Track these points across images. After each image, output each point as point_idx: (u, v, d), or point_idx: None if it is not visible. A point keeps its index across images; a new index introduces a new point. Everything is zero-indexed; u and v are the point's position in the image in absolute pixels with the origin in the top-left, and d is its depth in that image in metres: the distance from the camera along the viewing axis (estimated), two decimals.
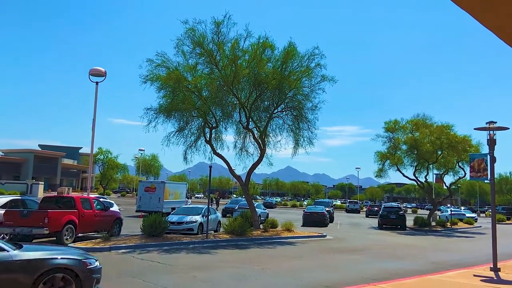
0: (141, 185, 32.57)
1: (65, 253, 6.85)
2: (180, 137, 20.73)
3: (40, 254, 6.41)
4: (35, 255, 6.34)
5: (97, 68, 18.99)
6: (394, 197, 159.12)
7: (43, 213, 14.06)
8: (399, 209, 33.66)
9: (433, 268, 12.62)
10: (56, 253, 6.68)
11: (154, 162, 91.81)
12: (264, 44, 19.58)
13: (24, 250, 6.38)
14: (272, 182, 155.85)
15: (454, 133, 32.42)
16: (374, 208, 51.60)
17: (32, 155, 79.29)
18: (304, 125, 21.37)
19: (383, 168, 35.08)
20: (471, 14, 5.25)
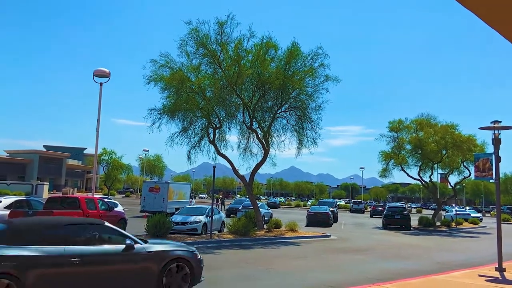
0: (145, 185, 32.67)
1: (181, 247, 8.35)
2: (184, 138, 20.77)
3: (163, 247, 7.86)
4: (161, 248, 7.79)
5: (101, 69, 19.05)
6: (398, 197, 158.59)
7: (48, 213, 14.11)
8: (404, 209, 33.54)
9: (438, 268, 12.57)
10: (174, 246, 8.22)
11: (158, 162, 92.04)
12: (268, 44, 19.57)
13: (151, 244, 7.80)
14: (276, 182, 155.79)
15: (458, 132, 32.26)
16: (378, 208, 51.40)
17: (37, 156, 79.71)
18: (307, 125, 21.36)
19: (387, 168, 34.96)
20: (477, 14, 5.23)
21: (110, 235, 7.51)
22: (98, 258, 6.95)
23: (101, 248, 7.11)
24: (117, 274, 7.12)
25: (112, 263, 7.12)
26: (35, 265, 6.28)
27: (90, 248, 6.95)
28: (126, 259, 7.25)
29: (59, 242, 6.70)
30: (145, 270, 7.37)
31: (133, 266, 7.29)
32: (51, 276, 6.39)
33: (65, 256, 6.56)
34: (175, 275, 7.69)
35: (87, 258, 6.73)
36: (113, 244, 7.29)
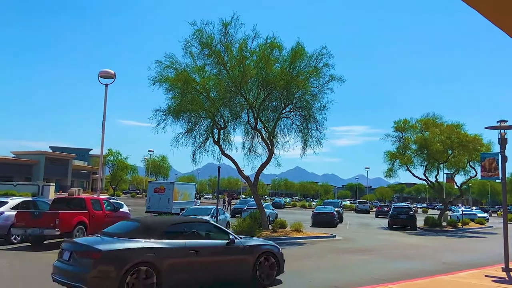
0: (151, 186, 32.79)
1: (268, 242, 10.01)
2: (189, 138, 20.82)
3: (256, 242, 9.60)
4: (254, 243, 9.46)
5: (106, 70, 19.15)
6: (404, 197, 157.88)
7: (54, 214, 14.20)
8: (409, 209, 33.36)
9: (444, 268, 12.49)
10: (263, 241, 9.95)
11: (163, 163, 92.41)
12: (272, 45, 19.57)
13: (245, 239, 9.49)
14: (281, 182, 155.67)
15: (464, 132, 32.05)
16: (384, 208, 51.21)
17: (43, 157, 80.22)
18: (312, 125, 21.31)
19: (393, 168, 34.79)
20: (479, 11, 5.20)
21: (216, 232, 9.05)
22: (209, 250, 8.46)
23: (211, 242, 8.69)
24: (223, 263, 8.62)
25: (219, 254, 8.63)
26: (166, 255, 7.68)
27: (202, 242, 8.55)
28: (229, 252, 8.76)
29: (180, 237, 8.21)
30: (243, 261, 8.89)
31: (234, 257, 8.83)
32: (177, 264, 7.80)
33: (186, 248, 8.04)
34: (265, 266, 9.22)
35: (201, 250, 8.22)
36: (218, 239, 8.80)
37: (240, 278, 8.86)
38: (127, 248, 7.37)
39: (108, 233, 8.16)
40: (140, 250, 7.44)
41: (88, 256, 7.13)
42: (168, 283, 7.58)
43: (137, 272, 7.25)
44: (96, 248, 7.23)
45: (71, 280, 7.11)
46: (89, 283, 6.91)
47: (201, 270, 8.15)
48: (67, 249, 7.61)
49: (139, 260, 7.31)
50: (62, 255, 7.67)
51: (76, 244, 7.65)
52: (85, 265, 7.04)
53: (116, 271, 7.04)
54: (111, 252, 7.20)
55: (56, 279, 7.49)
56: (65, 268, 7.35)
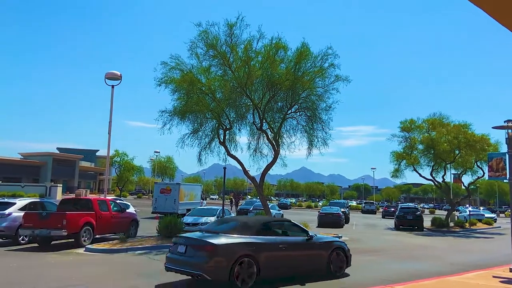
0: (157, 186, 32.89)
1: (338, 239, 11.74)
2: (195, 139, 20.82)
3: (329, 239, 11.31)
4: (327, 239, 11.16)
5: (113, 72, 19.25)
6: (411, 197, 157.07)
7: (61, 215, 14.30)
8: (416, 210, 33.19)
9: (451, 269, 12.42)
10: (335, 239, 11.73)
11: (169, 164, 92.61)
12: (277, 45, 19.54)
13: (319, 237, 11.00)
14: (287, 183, 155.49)
15: (471, 132, 31.81)
16: (390, 209, 50.94)
17: (51, 158, 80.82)
18: (318, 125, 21.22)
19: (399, 168, 34.63)
20: (483, 9, 5.17)
21: (296, 230, 10.51)
22: (294, 245, 9.88)
23: (294, 239, 10.10)
24: (304, 256, 10.05)
25: (301, 249, 10.04)
26: (262, 249, 9.05)
27: (288, 238, 10.02)
28: (308, 247, 10.21)
29: (270, 234, 9.69)
30: (320, 255, 10.35)
31: (312, 251, 10.30)
32: (270, 256, 9.15)
33: (276, 243, 9.46)
34: (337, 260, 10.65)
35: (288, 245, 9.67)
36: (299, 236, 10.27)
37: (317, 269, 10.35)
38: (234, 243, 8.78)
39: (210, 230, 9.66)
40: (243, 244, 8.84)
41: (204, 249, 8.52)
42: (264, 272, 8.96)
43: (242, 262, 8.64)
44: (210, 242, 8.58)
45: (190, 269, 8.54)
46: (207, 271, 8.31)
47: (288, 261, 9.61)
48: (182, 243, 8.99)
49: (244, 253, 8.72)
50: (176, 249, 9.06)
51: (190, 239, 9.03)
52: (202, 257, 8.44)
53: (227, 262, 8.42)
54: (222, 246, 8.57)
55: (172, 268, 8.92)
56: (183, 259, 8.74)
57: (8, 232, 14.78)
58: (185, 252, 8.80)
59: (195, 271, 8.44)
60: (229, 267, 8.40)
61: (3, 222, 14.68)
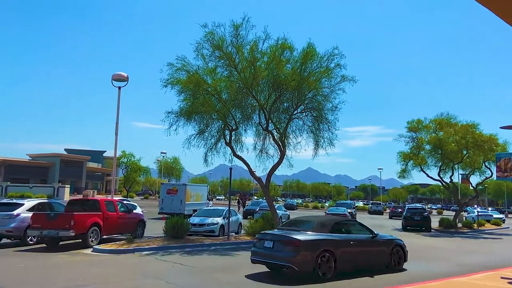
0: (163, 187, 32.99)
1: (397, 238, 12.90)
2: (201, 140, 20.87)
3: (390, 237, 12.61)
4: (388, 237, 12.49)
5: (120, 73, 19.36)
6: (418, 198, 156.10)
7: (69, 215, 14.40)
8: (424, 210, 32.97)
9: (459, 270, 12.32)
10: (394, 237, 12.88)
11: (175, 164, 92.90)
12: (283, 46, 19.54)
13: (382, 235, 12.28)
14: (293, 183, 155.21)
15: (479, 132, 31.54)
16: (397, 210, 50.64)
17: (59, 159, 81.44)
18: (324, 126, 21.17)
19: (406, 168, 34.39)
20: (488, 7, 5.13)
21: (362, 229, 11.84)
22: (362, 242, 11.21)
23: (361, 236, 11.44)
24: (370, 252, 11.43)
25: (367, 245, 11.39)
26: (338, 244, 10.39)
27: (356, 235, 11.31)
28: (373, 244, 11.56)
29: (342, 232, 11.05)
30: (383, 251, 11.68)
31: (377, 248, 11.63)
32: (345, 251, 10.47)
33: (348, 240, 10.85)
34: (397, 255, 11.98)
35: (357, 242, 11.03)
36: (365, 234, 11.61)
37: (380, 263, 11.67)
38: (316, 239, 10.20)
39: (291, 228, 11.05)
40: (323, 241, 10.24)
41: (292, 244, 9.86)
42: (340, 265, 10.26)
43: (323, 256, 9.98)
44: (296, 238, 9.94)
45: (279, 261, 9.98)
46: (295, 263, 9.66)
47: (358, 256, 10.97)
48: (269, 239, 10.41)
49: (324, 248, 10.08)
50: (263, 244, 10.50)
51: (277, 235, 10.42)
52: (290, 251, 9.80)
53: (311, 255, 9.79)
54: (307, 242, 9.98)
55: (259, 260, 10.52)
56: (270, 253, 10.16)
57: (17, 233, 14.91)
58: (272, 247, 10.19)
59: (284, 263, 9.84)
60: (313, 260, 9.77)
61: (12, 222, 14.81)
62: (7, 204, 16.11)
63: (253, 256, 10.74)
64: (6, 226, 14.72)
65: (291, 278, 10.17)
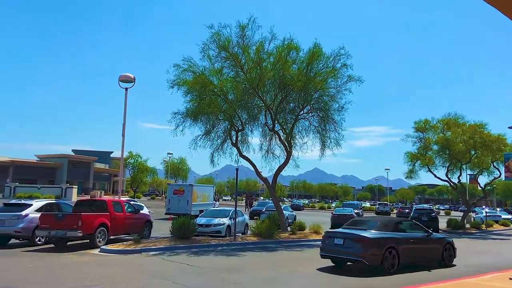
0: (170, 188, 33.07)
1: (447, 236, 14.63)
2: (207, 140, 20.93)
3: (441, 236, 14.40)
4: (440, 236, 14.16)
5: (126, 74, 19.43)
6: (426, 198, 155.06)
7: (77, 216, 14.48)
8: (431, 211, 32.71)
9: (467, 271, 12.23)
10: (445, 236, 14.85)
11: (182, 165, 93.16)
12: (289, 46, 19.53)
13: (435, 234, 13.88)
14: (299, 184, 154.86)
15: (487, 132, 31.28)
16: (405, 210, 50.30)
17: (66, 160, 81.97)
18: (330, 126, 21.14)
19: (414, 169, 34.16)
20: (507, 16, 5.09)
21: (417, 228, 13.19)
22: (419, 239, 12.62)
23: (418, 234, 12.82)
24: (425, 248, 12.73)
25: (423, 242, 12.73)
26: (400, 242, 11.70)
27: (414, 234, 12.64)
28: (428, 241, 12.89)
29: (402, 230, 12.35)
30: (436, 248, 12.95)
31: (431, 245, 12.89)
32: (405, 248, 11.78)
33: (408, 238, 12.19)
34: (447, 252, 13.22)
35: (415, 239, 12.44)
36: (420, 232, 12.97)
37: (434, 259, 12.92)
38: (383, 237, 11.46)
39: (357, 227, 12.20)
40: (388, 238, 11.51)
41: (362, 241, 11.17)
42: (402, 260, 11.52)
43: (389, 252, 11.27)
44: (366, 236, 11.31)
45: (350, 256, 11.31)
46: (365, 258, 11.00)
47: (416, 252, 12.30)
48: (339, 237, 11.66)
49: (390, 245, 11.36)
50: (332, 241, 11.72)
51: (347, 233, 11.66)
52: (360, 247, 11.10)
53: (379, 251, 11.12)
54: (375, 239, 11.29)
55: (329, 256, 11.98)
56: (341, 249, 11.47)
57: (25, 233, 15.03)
58: (343, 243, 11.44)
59: (355, 258, 11.20)
60: (380, 255, 11.08)
61: (20, 223, 14.93)
62: (15, 204, 16.24)
63: (322, 252, 12.08)
64: (15, 227, 14.84)
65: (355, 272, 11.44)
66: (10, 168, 76.14)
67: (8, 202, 16.86)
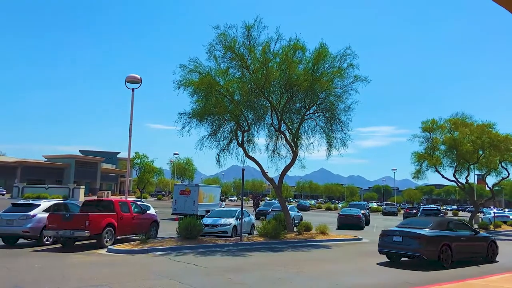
0: (176, 188, 33.17)
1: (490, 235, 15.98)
2: (213, 141, 20.96)
3: (486, 235, 15.48)
4: (486, 235, 15.51)
5: (133, 75, 19.51)
6: (433, 199, 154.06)
7: (84, 216, 14.57)
8: (439, 212, 32.57)
9: (475, 272, 12.13)
10: (489, 235, 15.89)
11: (188, 165, 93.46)
12: (295, 46, 19.50)
13: (481, 233, 15.30)
14: (306, 184, 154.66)
15: (496, 132, 31.04)
16: (412, 211, 50.03)
17: (74, 161, 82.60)
18: (337, 126, 21.08)
19: (421, 169, 33.97)
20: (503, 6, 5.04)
21: (464, 226, 14.62)
22: (467, 237, 13.98)
23: (467, 233, 14.20)
24: (474, 245, 14.13)
25: (471, 240, 14.10)
26: (453, 239, 13.13)
27: (464, 232, 14.05)
28: (475, 239, 14.31)
29: (453, 229, 13.76)
30: (482, 245, 14.36)
31: (478, 242, 14.36)
32: (457, 245, 13.17)
33: (459, 236, 13.63)
34: (491, 249, 14.62)
35: (464, 237, 13.82)
36: (469, 231, 14.40)
37: (480, 255, 14.28)
38: (438, 235, 12.88)
39: (412, 226, 13.60)
40: (443, 236, 12.93)
41: (419, 239, 12.56)
42: (455, 256, 12.95)
43: (444, 249, 12.64)
44: (423, 234, 12.71)
45: (410, 252, 12.65)
46: (424, 254, 12.39)
47: (466, 249, 13.67)
48: (398, 235, 13.08)
49: (444, 242, 12.75)
50: (391, 239, 13.17)
51: (405, 232, 13.01)
52: (419, 244, 12.48)
53: (436, 247, 12.50)
54: (432, 237, 12.68)
55: (387, 252, 13.49)
56: (400, 246, 12.92)
57: (33, 233, 15.14)
58: (402, 241, 12.86)
59: (414, 253, 12.56)
60: (437, 251, 12.44)
61: (28, 223, 15.05)
62: (24, 205, 16.36)
63: (380, 248, 13.57)
64: (23, 227, 14.96)
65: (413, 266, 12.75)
66: (18, 169, 76.84)
67: (17, 203, 16.99)
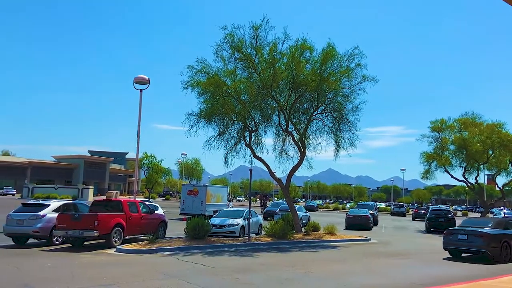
0: (184, 188, 33.31)
1: None
2: (221, 141, 21.01)
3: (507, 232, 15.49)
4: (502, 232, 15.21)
5: (141, 76, 19.64)
6: (442, 199, 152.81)
7: (93, 216, 14.69)
8: (448, 212, 32.20)
9: (484, 273, 12.00)
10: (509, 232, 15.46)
11: (196, 166, 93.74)
12: (303, 46, 19.46)
13: None
14: (313, 184, 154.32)
15: (506, 131, 30.74)
16: (421, 211, 49.59)
17: (83, 161, 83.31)
18: (345, 126, 21.00)
19: (430, 169, 33.74)
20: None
21: None
22: None
23: None
24: None
25: None
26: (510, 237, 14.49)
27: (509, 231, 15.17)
28: None
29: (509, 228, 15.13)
30: (500, 241, 14.39)
31: None
32: None
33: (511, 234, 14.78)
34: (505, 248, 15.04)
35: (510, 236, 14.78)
36: None
37: None
38: (500, 233, 14.37)
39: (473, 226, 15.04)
40: (503, 234, 14.39)
41: (485, 237, 14.08)
42: None
43: (504, 246, 14.19)
44: (487, 233, 14.21)
45: (475, 248, 14.39)
46: (488, 250, 13.98)
47: None
48: (462, 233, 14.64)
49: (504, 239, 14.26)
50: (457, 237, 14.71)
51: (470, 230, 14.53)
52: (483, 241, 14.01)
53: (497, 244, 14.03)
54: (495, 235, 14.21)
55: (454, 249, 15.05)
56: (465, 243, 14.50)
57: (43, 233, 15.29)
58: (467, 239, 14.42)
59: (479, 250, 14.17)
60: (499, 247, 13.98)
61: (38, 223, 15.20)
62: (33, 205, 16.52)
63: (445, 246, 15.22)
64: (33, 227, 15.11)
65: None
66: (28, 169, 77.69)
67: (27, 203, 17.15)
